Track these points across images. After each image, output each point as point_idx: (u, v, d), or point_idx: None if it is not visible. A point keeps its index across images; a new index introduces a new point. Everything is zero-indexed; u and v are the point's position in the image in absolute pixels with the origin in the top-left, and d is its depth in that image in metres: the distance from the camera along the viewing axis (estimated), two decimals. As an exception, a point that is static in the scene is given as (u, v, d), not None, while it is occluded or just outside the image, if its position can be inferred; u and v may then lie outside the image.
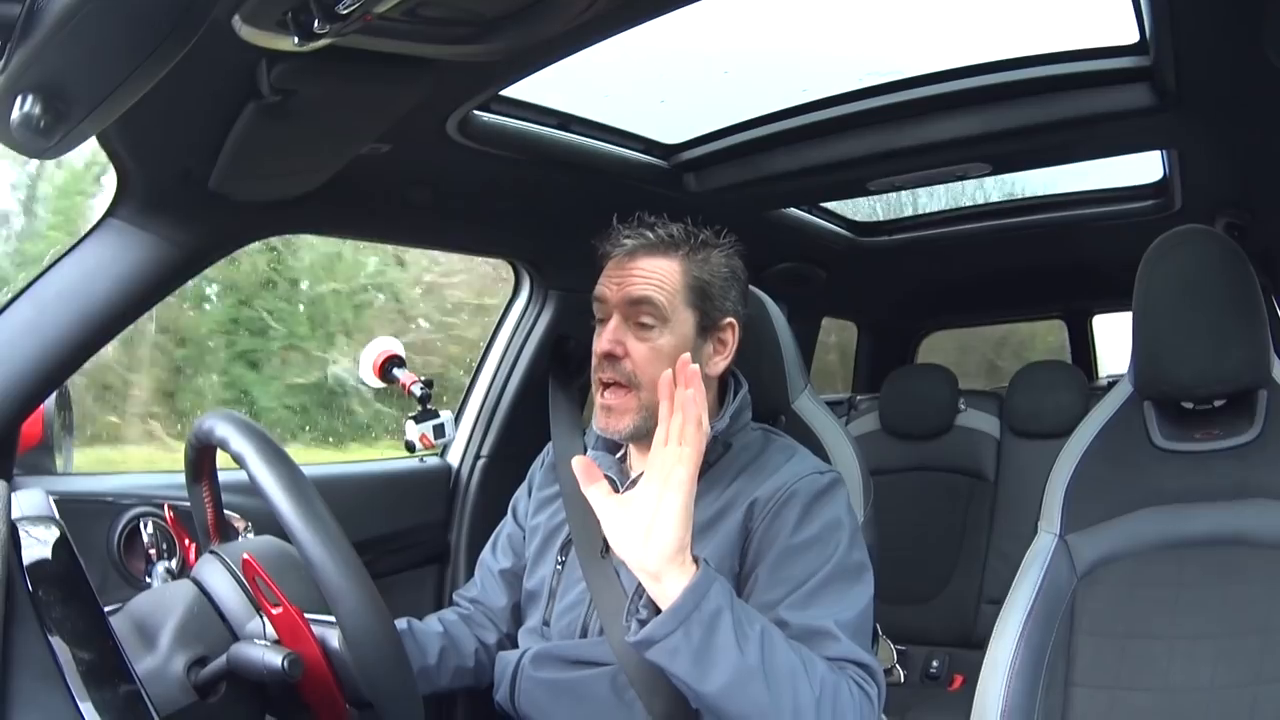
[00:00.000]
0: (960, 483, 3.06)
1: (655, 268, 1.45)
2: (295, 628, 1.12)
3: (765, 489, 1.41)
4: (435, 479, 2.19)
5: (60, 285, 1.41)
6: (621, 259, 1.48)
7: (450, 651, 1.55)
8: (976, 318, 4.14)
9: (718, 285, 1.48)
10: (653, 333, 1.44)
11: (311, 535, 1.04)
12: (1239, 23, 1.39)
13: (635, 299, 1.44)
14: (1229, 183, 2.24)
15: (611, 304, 1.46)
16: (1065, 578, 1.54)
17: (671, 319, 1.44)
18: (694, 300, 1.46)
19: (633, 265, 1.46)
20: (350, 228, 2.01)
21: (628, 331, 1.45)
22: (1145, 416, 1.59)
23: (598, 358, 1.46)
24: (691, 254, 1.47)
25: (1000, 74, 1.80)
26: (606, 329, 1.45)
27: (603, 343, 1.45)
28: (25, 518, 1.06)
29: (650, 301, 1.43)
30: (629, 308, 1.44)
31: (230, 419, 1.15)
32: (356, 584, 1.05)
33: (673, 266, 1.46)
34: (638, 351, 1.44)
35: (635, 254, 1.46)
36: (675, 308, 1.44)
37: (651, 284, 1.44)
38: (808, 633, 1.30)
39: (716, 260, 1.49)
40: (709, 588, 1.15)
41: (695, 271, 1.46)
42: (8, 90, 0.88)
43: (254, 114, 1.26)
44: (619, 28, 1.32)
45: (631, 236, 1.47)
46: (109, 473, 1.87)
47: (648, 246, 1.46)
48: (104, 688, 0.87)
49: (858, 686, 1.27)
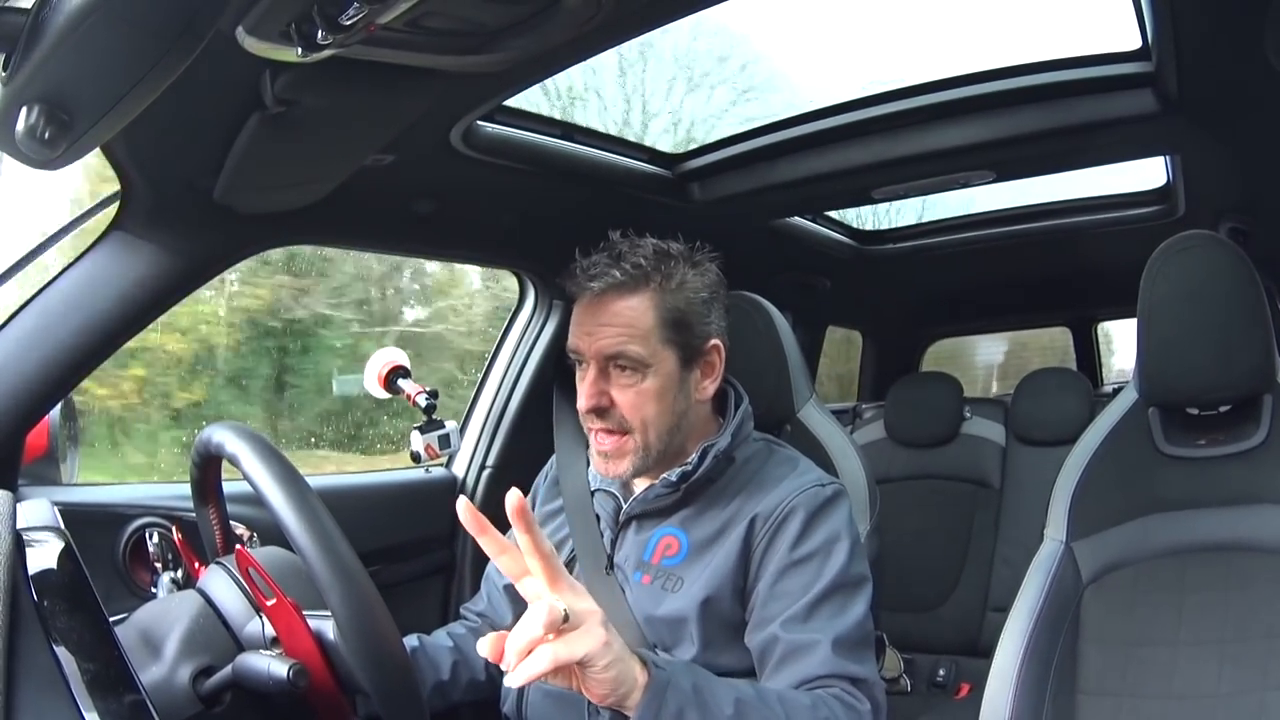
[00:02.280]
0: (966, 490, 3.05)
1: (625, 310, 1.39)
2: (290, 620, 1.12)
3: (766, 504, 1.40)
4: (440, 490, 2.19)
5: (66, 296, 1.41)
6: (590, 303, 1.41)
7: (462, 665, 1.54)
8: (981, 325, 4.13)
9: (695, 311, 1.42)
10: (635, 377, 1.39)
11: (302, 525, 1.03)
12: (1241, 28, 1.39)
13: (610, 354, 1.39)
14: (1233, 188, 2.24)
15: (588, 357, 1.41)
16: (1071, 584, 1.53)
17: (652, 363, 1.39)
18: (671, 335, 1.40)
19: (602, 311, 1.40)
20: (355, 239, 2.01)
21: (610, 382, 1.41)
22: (1150, 422, 1.59)
23: (582, 413, 1.43)
24: (664, 284, 1.40)
25: (1003, 81, 1.81)
26: (587, 382, 1.41)
27: (586, 398, 1.41)
28: (31, 528, 1.06)
29: (627, 354, 1.38)
30: (606, 361, 1.40)
31: (229, 428, 1.15)
32: (347, 571, 1.04)
33: (643, 305, 1.39)
34: (624, 399, 1.40)
35: (604, 297, 1.40)
36: (653, 350, 1.39)
37: (624, 333, 1.38)
38: (798, 648, 1.29)
39: (692, 284, 1.43)
40: (664, 691, 1.11)
41: (670, 303, 1.40)
42: (13, 101, 0.89)
43: (258, 125, 1.26)
44: (622, 37, 1.33)
45: (596, 277, 1.40)
46: (114, 483, 1.88)
47: (615, 286, 1.39)
48: (109, 698, 0.87)
49: (843, 706, 1.25)
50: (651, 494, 1.45)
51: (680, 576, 1.41)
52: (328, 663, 1.12)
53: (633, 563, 1.45)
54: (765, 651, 1.33)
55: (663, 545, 1.44)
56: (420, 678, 1.47)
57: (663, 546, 1.44)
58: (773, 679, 1.31)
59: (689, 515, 1.44)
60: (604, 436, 1.42)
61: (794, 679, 1.28)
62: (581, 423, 1.47)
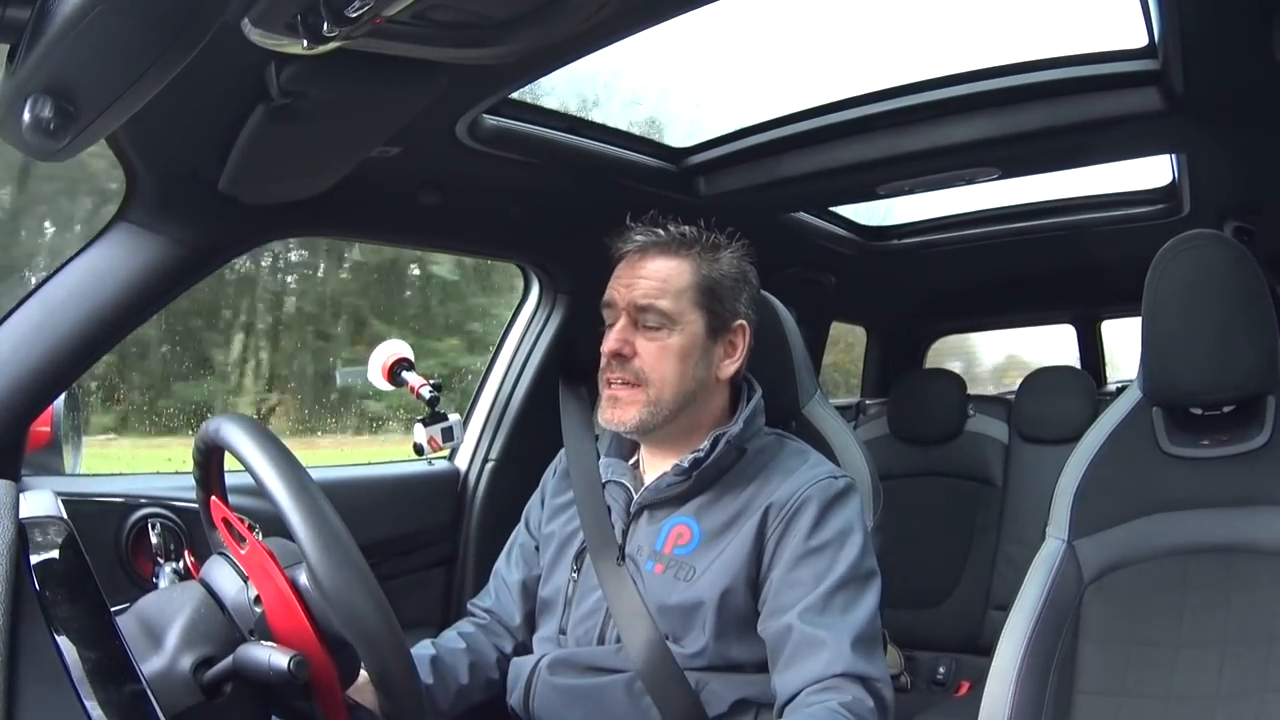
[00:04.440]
0: (968, 488, 3.05)
1: (664, 267, 1.47)
2: (262, 564, 1.11)
3: (781, 493, 1.41)
4: (443, 482, 2.19)
5: (70, 287, 1.42)
6: (633, 259, 1.49)
7: (478, 666, 1.55)
8: (985, 322, 4.12)
9: (727, 286, 1.49)
10: (660, 333, 1.45)
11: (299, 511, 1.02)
12: (1248, 26, 1.38)
13: (642, 305, 1.45)
14: (1238, 187, 2.23)
15: (620, 307, 1.47)
16: (1072, 583, 1.53)
17: (680, 321, 1.45)
18: (703, 300, 1.47)
19: (642, 265, 1.48)
20: (359, 230, 2.01)
21: (636, 333, 1.46)
22: (1154, 422, 1.58)
23: (606, 357, 1.47)
24: (703, 253, 1.49)
25: (1009, 78, 1.80)
26: (614, 329, 1.47)
27: (611, 341, 1.46)
28: (33, 518, 1.06)
29: (657, 308, 1.45)
30: (637, 312, 1.46)
31: (231, 419, 1.15)
32: (321, 521, 1.03)
33: (682, 266, 1.47)
34: (646, 350, 1.45)
35: (646, 252, 1.48)
36: (683, 310, 1.46)
37: (659, 287, 1.45)
38: (812, 643, 1.30)
39: (727, 261, 1.51)
40: None
41: (705, 270, 1.48)
42: (18, 92, 0.89)
43: (263, 116, 1.26)
44: (629, 31, 1.32)
45: (644, 234, 1.49)
46: (117, 474, 1.88)
47: (659, 245, 1.48)
48: (110, 687, 0.87)
49: (850, 717, 1.25)
50: (664, 483, 1.47)
51: (692, 565, 1.42)
52: (302, 606, 1.11)
53: (645, 552, 1.46)
54: (780, 642, 1.34)
55: (674, 534, 1.45)
56: (443, 685, 1.50)
57: (674, 535, 1.45)
58: (785, 673, 1.32)
59: (701, 504, 1.46)
60: (617, 386, 1.47)
61: (808, 676, 1.30)
62: (599, 377, 1.51)
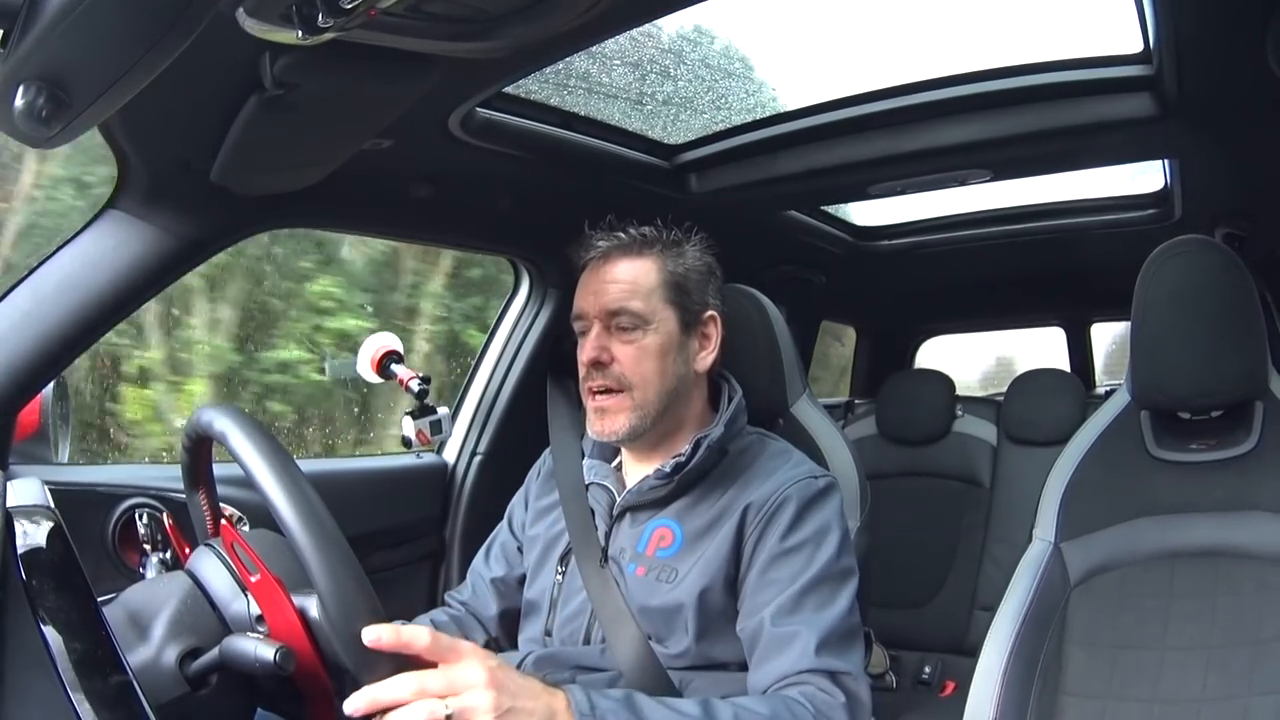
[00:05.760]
0: (956, 489, 3.06)
1: (631, 269, 1.47)
2: (275, 597, 1.11)
3: (760, 494, 1.41)
4: (431, 476, 2.19)
5: (60, 275, 1.41)
6: (597, 266, 1.50)
7: None
8: (975, 324, 4.13)
9: (694, 279, 1.50)
10: (636, 334, 1.45)
11: (287, 501, 1.02)
12: (1242, 33, 1.39)
13: (614, 309, 1.46)
14: (1230, 193, 2.24)
15: (591, 316, 1.47)
16: (1058, 585, 1.54)
17: (653, 320, 1.46)
18: (673, 296, 1.47)
19: (608, 271, 1.48)
20: (351, 223, 2.01)
21: (611, 338, 1.46)
22: (1142, 426, 1.59)
23: (585, 367, 1.47)
24: (666, 250, 1.49)
25: (1003, 80, 1.80)
26: (589, 338, 1.47)
27: (588, 350, 1.46)
28: (20, 507, 1.06)
29: (629, 310, 1.45)
30: (609, 317, 1.46)
31: (220, 409, 1.14)
32: (331, 545, 1.02)
33: (649, 265, 1.48)
34: (624, 354, 1.45)
35: (610, 257, 1.49)
36: (655, 308, 1.46)
37: (628, 290, 1.46)
38: (781, 641, 1.30)
39: (691, 255, 1.51)
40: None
41: (671, 267, 1.48)
42: (10, 79, 0.88)
43: (256, 107, 1.26)
44: (622, 26, 1.33)
45: (605, 240, 1.49)
46: (105, 463, 1.87)
47: (622, 248, 1.49)
48: (96, 678, 0.87)
49: (810, 706, 1.25)
50: (645, 486, 1.47)
51: (675, 568, 1.42)
52: (312, 641, 1.11)
53: (628, 555, 1.46)
54: (754, 641, 1.34)
55: (657, 536, 1.45)
56: None
57: (657, 538, 1.45)
58: (757, 672, 1.32)
59: (683, 507, 1.46)
60: (601, 396, 1.47)
61: (776, 674, 1.30)
62: (581, 389, 1.51)
